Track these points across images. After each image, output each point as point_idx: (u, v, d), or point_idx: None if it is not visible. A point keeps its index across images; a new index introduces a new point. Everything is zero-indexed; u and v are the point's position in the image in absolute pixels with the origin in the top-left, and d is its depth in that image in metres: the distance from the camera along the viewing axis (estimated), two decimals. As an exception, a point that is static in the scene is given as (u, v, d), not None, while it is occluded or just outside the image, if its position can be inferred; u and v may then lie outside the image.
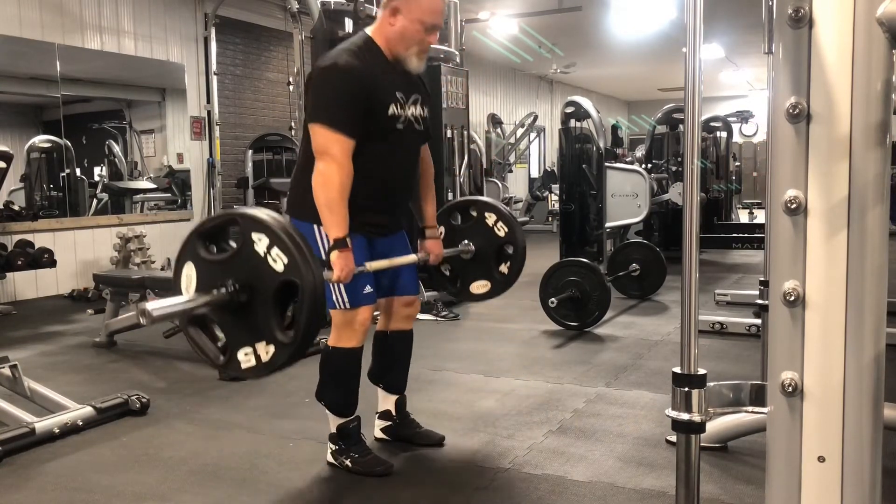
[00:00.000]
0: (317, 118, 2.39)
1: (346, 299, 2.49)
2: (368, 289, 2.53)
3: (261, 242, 1.93)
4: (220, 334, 2.03)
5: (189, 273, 2.03)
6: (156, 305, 1.83)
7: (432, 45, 2.57)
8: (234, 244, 2.01)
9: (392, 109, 2.49)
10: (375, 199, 2.56)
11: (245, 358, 1.98)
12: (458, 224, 3.09)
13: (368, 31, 2.54)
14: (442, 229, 3.03)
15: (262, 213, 1.97)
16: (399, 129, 2.52)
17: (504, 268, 3.08)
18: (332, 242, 2.35)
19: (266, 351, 1.96)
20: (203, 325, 2.04)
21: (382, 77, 2.47)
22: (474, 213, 3.08)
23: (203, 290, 1.99)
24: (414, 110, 2.58)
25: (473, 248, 3.06)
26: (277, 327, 1.93)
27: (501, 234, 3.05)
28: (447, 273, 3.04)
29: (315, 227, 2.46)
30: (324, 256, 2.44)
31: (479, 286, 3.12)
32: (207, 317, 2.03)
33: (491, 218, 3.05)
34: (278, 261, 1.91)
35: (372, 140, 2.46)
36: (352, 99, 2.39)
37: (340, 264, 2.32)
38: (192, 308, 1.95)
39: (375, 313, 2.67)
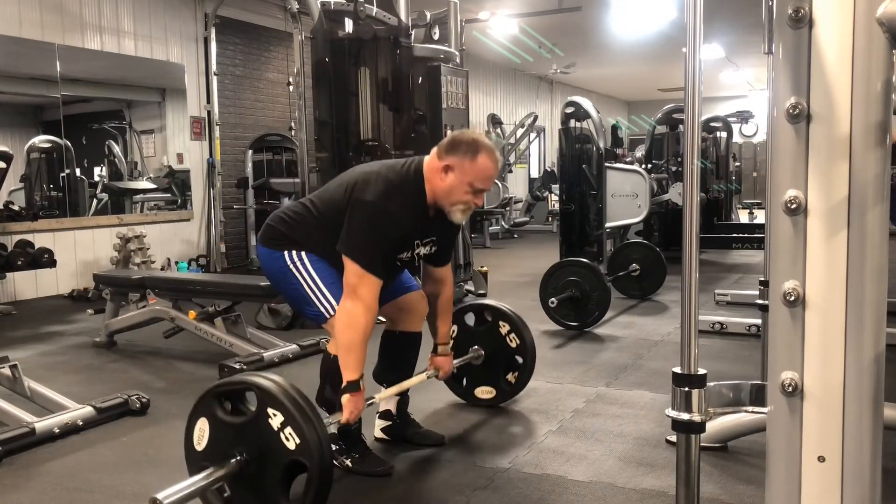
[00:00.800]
0: (355, 256, 2.37)
1: (333, 303, 2.47)
2: None
3: (276, 418, 2.01)
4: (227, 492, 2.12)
5: (202, 427, 2.13)
6: (168, 493, 1.86)
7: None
8: (251, 408, 2.09)
9: (403, 255, 2.54)
10: None
11: None
12: (471, 326, 3.20)
13: (424, 162, 2.50)
14: (455, 328, 3.12)
15: (280, 389, 2.03)
16: (399, 259, 2.56)
17: (511, 377, 3.21)
18: (345, 384, 2.37)
19: None
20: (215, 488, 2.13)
21: (414, 227, 2.50)
22: (489, 319, 3.20)
23: (214, 449, 2.09)
24: (422, 250, 2.62)
25: (483, 353, 3.16)
26: (283, 500, 2.02)
27: (513, 344, 3.18)
28: (454, 371, 3.07)
29: (285, 253, 2.50)
30: (296, 275, 2.49)
31: (484, 392, 3.25)
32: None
33: (504, 328, 3.18)
34: (291, 440, 1.99)
35: None
36: (389, 246, 2.43)
37: (350, 407, 2.36)
38: (204, 487, 2.01)
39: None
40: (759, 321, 4.18)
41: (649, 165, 8.56)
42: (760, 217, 12.93)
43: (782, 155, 1.07)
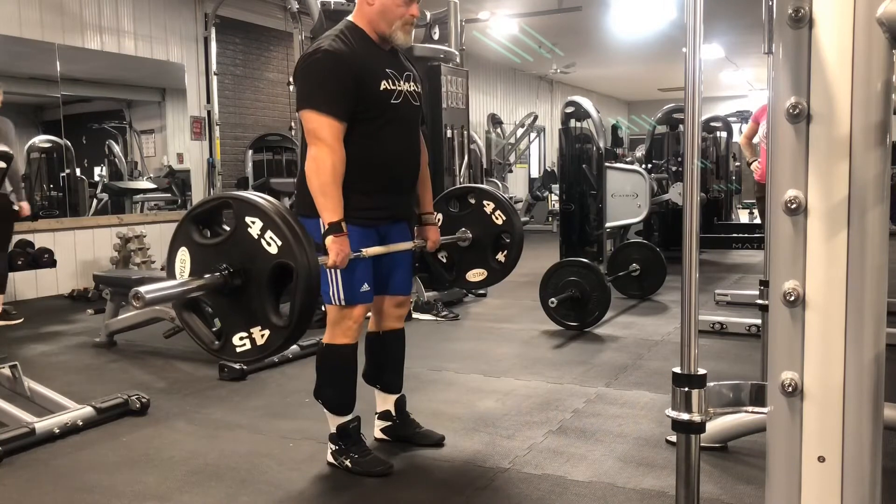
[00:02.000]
0: (305, 104, 2.38)
1: (342, 296, 2.49)
2: (366, 287, 2.53)
3: (254, 226, 1.93)
4: (216, 321, 2.03)
5: (183, 258, 2.03)
6: (149, 288, 1.81)
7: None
8: (227, 228, 2.01)
9: (384, 84, 2.48)
10: (379, 182, 2.53)
11: (240, 343, 1.98)
12: (455, 212, 3.09)
13: (350, 17, 2.54)
14: (440, 216, 3.02)
15: (256, 196, 1.97)
16: (395, 104, 2.51)
17: (501, 256, 3.08)
18: (326, 226, 2.33)
19: (261, 335, 1.96)
20: (198, 310, 2.05)
21: (369, 56, 2.47)
22: (472, 201, 3.08)
23: (197, 274, 1.99)
24: (408, 86, 2.58)
25: (471, 235, 3.05)
26: (272, 311, 1.94)
27: (499, 222, 3.04)
28: (444, 260, 3.04)
29: (320, 221, 2.41)
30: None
31: (475, 274, 3.12)
32: (202, 301, 2.03)
33: (489, 206, 3.05)
34: (272, 244, 1.91)
35: (369, 119, 2.45)
36: (338, 81, 2.38)
37: (336, 248, 2.31)
38: (185, 292, 1.94)
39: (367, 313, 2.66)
40: (759, 321, 4.17)
41: (649, 165, 8.56)
42: (759, 217, 12.91)
43: (782, 155, 1.07)
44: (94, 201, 7.76)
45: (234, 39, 8.60)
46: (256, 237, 1.93)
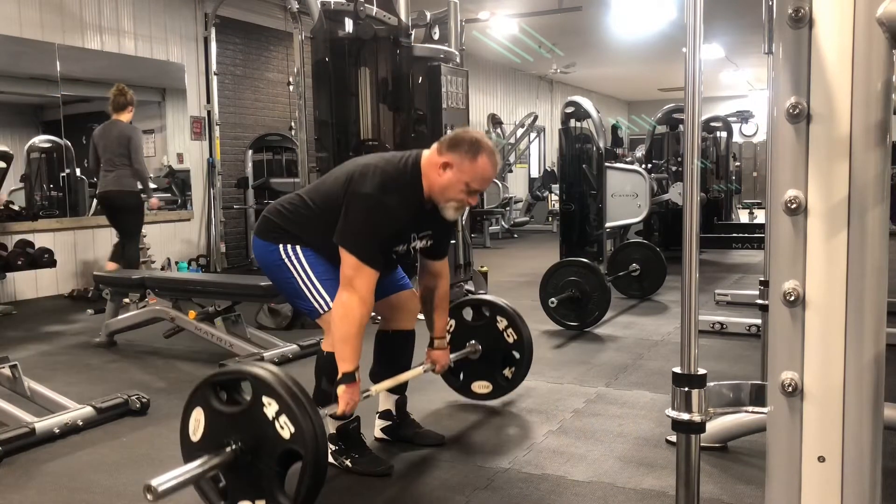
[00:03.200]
0: (352, 249, 2.38)
1: (327, 300, 2.48)
2: None
3: (270, 407, 2.01)
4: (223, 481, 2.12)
5: (198, 418, 2.12)
6: (161, 480, 1.85)
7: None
8: (245, 398, 2.09)
9: (399, 248, 2.55)
10: None
11: None
12: (469, 321, 3.20)
13: (423, 157, 2.50)
14: (453, 322, 3.13)
15: (274, 378, 2.03)
16: (394, 252, 2.56)
17: (508, 372, 3.22)
18: (340, 375, 2.38)
19: None
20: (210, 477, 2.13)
21: (410, 220, 2.50)
22: (486, 314, 3.20)
23: (209, 438, 2.08)
24: (418, 244, 2.62)
25: (480, 349, 3.17)
26: (278, 490, 2.02)
27: (510, 340, 3.18)
28: (451, 366, 3.07)
29: (280, 246, 2.51)
30: (291, 269, 2.50)
31: (480, 386, 3.26)
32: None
33: (502, 323, 3.18)
34: (286, 428, 1.99)
35: None
36: (385, 239, 2.44)
37: (346, 398, 2.37)
38: (198, 476, 2.00)
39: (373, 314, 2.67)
40: (759, 321, 4.18)
41: (649, 165, 8.56)
42: (760, 217, 12.93)
43: (782, 155, 1.07)
44: (95, 201, 7.76)
45: (234, 39, 8.60)
46: (271, 418, 2.01)
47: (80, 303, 6.34)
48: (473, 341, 3.16)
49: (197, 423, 2.12)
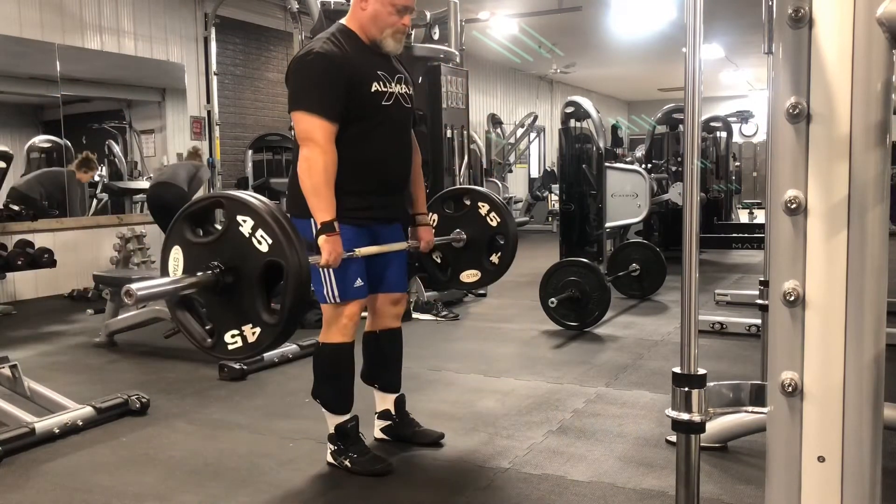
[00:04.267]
0: (297, 105, 2.40)
1: (336, 293, 2.49)
2: (359, 282, 2.53)
3: (246, 224, 1.95)
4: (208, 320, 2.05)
5: (176, 256, 2.06)
6: (140, 286, 1.84)
7: (407, 25, 2.59)
8: (220, 227, 2.03)
9: (375, 86, 2.50)
10: (372, 182, 2.55)
11: (232, 340, 2.00)
12: (451, 212, 3.11)
13: (343, 20, 2.56)
14: (435, 216, 3.05)
15: (248, 196, 1.99)
16: (386, 106, 2.53)
17: (495, 258, 3.10)
18: (318, 226, 2.35)
19: (252, 333, 1.98)
20: (191, 308, 2.07)
21: (361, 59, 2.49)
22: (468, 202, 3.10)
23: (190, 272, 2.01)
24: (399, 87, 2.59)
25: (465, 236, 3.07)
26: (263, 309, 1.96)
27: (494, 223, 3.06)
28: (438, 261, 3.05)
29: (312, 221, 2.43)
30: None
31: (469, 275, 3.14)
32: (195, 299, 2.06)
33: (484, 207, 3.07)
34: (263, 242, 1.93)
35: (360, 120, 2.47)
36: (330, 82, 2.40)
37: (328, 248, 2.32)
38: (177, 289, 1.96)
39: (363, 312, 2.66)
40: (759, 321, 4.18)
41: (649, 165, 8.56)
42: (760, 217, 12.93)
43: (782, 155, 1.07)
44: (94, 201, 7.76)
45: (234, 39, 8.61)
46: (248, 235, 1.95)
47: (80, 303, 6.35)
48: (457, 230, 3.07)
49: (176, 261, 2.06)
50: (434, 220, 3.04)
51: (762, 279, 3.20)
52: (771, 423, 1.12)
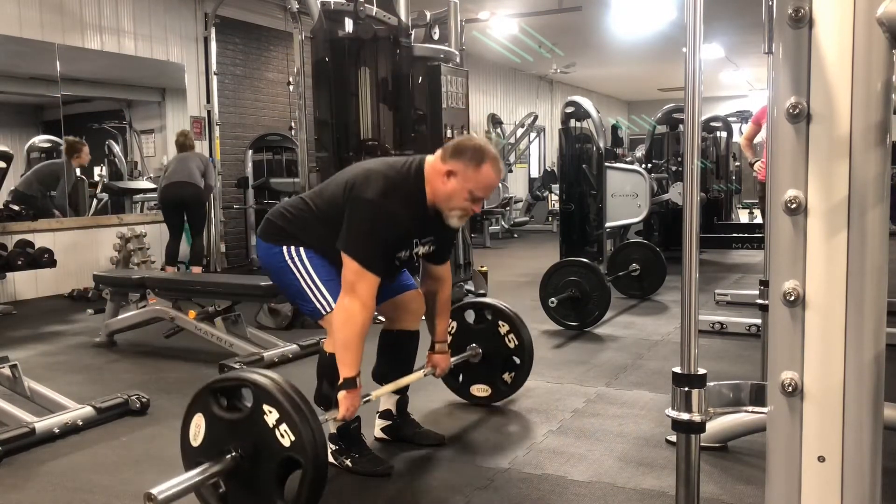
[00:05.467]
0: (353, 253, 2.37)
1: (329, 300, 2.48)
2: None
3: (271, 415, 2.01)
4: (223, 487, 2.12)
5: (198, 423, 2.13)
6: (162, 488, 1.88)
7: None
8: (246, 405, 2.10)
9: (402, 253, 2.54)
10: None
11: None
12: (470, 324, 3.20)
13: (425, 169, 2.49)
14: (454, 324, 3.14)
15: (275, 386, 2.04)
16: (394, 262, 2.55)
17: (508, 377, 3.22)
18: (341, 381, 2.38)
19: None
20: (213, 485, 2.13)
21: (415, 227, 2.50)
22: (488, 317, 3.20)
23: (210, 444, 2.09)
24: (420, 249, 2.61)
25: (481, 352, 3.17)
26: (277, 497, 2.02)
27: (511, 345, 3.18)
28: (451, 369, 3.07)
29: (283, 248, 2.50)
30: (294, 271, 2.50)
31: (479, 390, 3.26)
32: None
33: (504, 328, 3.18)
34: (286, 437, 1.99)
35: None
36: (386, 244, 2.43)
37: (346, 404, 2.37)
38: (199, 483, 2.01)
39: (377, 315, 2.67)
40: (759, 321, 4.18)
41: (649, 165, 8.55)
42: (760, 217, 12.91)
43: (782, 155, 1.07)
44: (94, 201, 7.76)
45: (234, 39, 8.60)
46: (272, 427, 2.01)
47: (80, 303, 6.34)
48: (474, 345, 3.17)
49: (198, 428, 2.13)
50: (452, 328, 3.13)
51: (762, 279, 3.20)
52: (771, 423, 1.12)
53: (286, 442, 1.99)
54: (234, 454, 2.03)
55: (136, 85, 8.04)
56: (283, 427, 1.99)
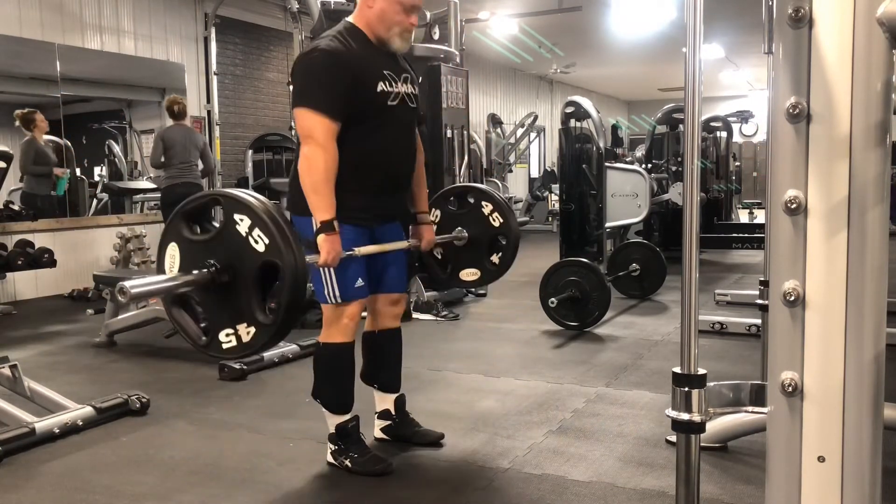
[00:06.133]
0: (300, 102, 2.39)
1: (337, 293, 2.49)
2: (360, 282, 2.52)
3: (243, 223, 1.95)
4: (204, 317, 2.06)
5: (173, 253, 2.05)
6: (134, 283, 1.83)
7: (415, 26, 2.59)
8: (217, 225, 2.03)
9: (381, 86, 2.49)
10: (374, 182, 2.54)
11: (226, 339, 2.00)
12: (454, 210, 3.11)
13: (350, 18, 2.55)
14: (437, 213, 3.05)
15: (245, 194, 1.98)
16: (392, 106, 2.52)
17: (495, 258, 3.10)
18: (318, 225, 2.34)
19: (247, 332, 1.98)
20: (187, 306, 2.06)
21: (367, 58, 2.49)
22: (471, 201, 3.09)
23: (186, 270, 2.01)
24: (405, 87, 2.58)
25: (467, 235, 3.07)
26: (258, 308, 1.95)
27: (496, 224, 3.05)
28: (438, 257, 3.05)
29: (312, 219, 2.42)
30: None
31: (468, 274, 3.14)
32: (190, 297, 2.05)
33: (487, 207, 3.06)
34: (260, 242, 1.93)
35: (365, 120, 2.46)
36: (335, 81, 2.39)
37: (327, 247, 2.32)
38: (171, 287, 1.95)
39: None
40: (759, 321, 4.17)
41: (649, 165, 8.55)
42: (760, 217, 12.92)
43: (782, 155, 1.07)
44: (94, 201, 7.76)
45: (234, 39, 8.60)
46: (244, 235, 1.95)
47: (80, 303, 6.34)
48: (459, 228, 3.07)
49: (172, 258, 2.05)
50: (436, 217, 3.05)
51: (762, 279, 3.20)
52: (771, 423, 1.12)
53: (261, 247, 1.93)
54: (209, 268, 1.96)
55: (136, 85, 8.03)
56: (256, 232, 1.93)
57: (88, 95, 7.76)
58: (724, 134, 9.86)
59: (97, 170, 8.12)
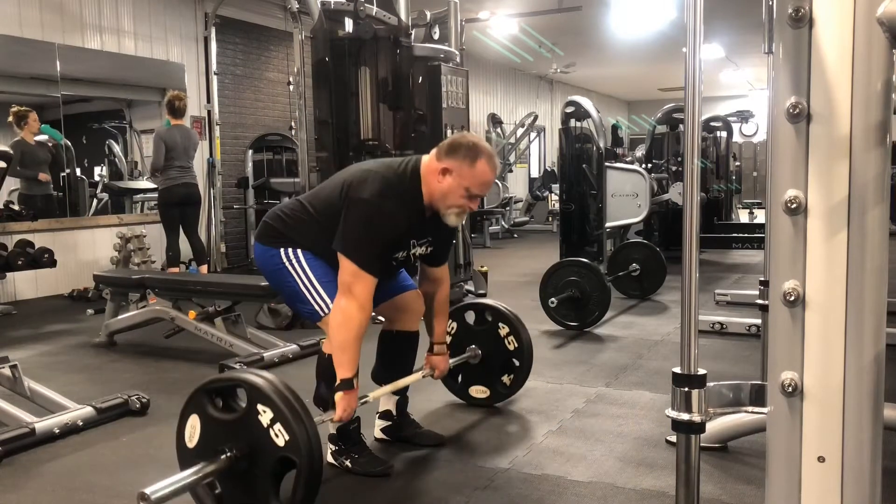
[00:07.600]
0: (350, 254, 2.37)
1: (328, 302, 2.47)
2: None
3: (265, 414, 2.02)
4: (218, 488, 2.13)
5: (193, 424, 2.14)
6: (156, 488, 1.88)
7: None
8: (240, 404, 2.11)
9: (399, 254, 2.53)
10: None
11: None
12: (470, 325, 3.21)
13: (421, 167, 2.49)
14: (454, 325, 3.14)
15: (269, 386, 2.04)
16: (395, 257, 2.55)
17: (507, 379, 3.23)
18: (338, 382, 2.38)
19: None
20: (208, 484, 2.13)
21: (409, 227, 2.50)
22: (488, 319, 3.20)
23: (205, 445, 2.09)
24: (418, 250, 2.61)
25: (481, 354, 3.18)
26: (273, 497, 2.03)
27: (511, 347, 3.18)
28: (450, 368, 3.07)
29: (280, 250, 2.51)
30: (291, 273, 2.49)
31: (478, 391, 3.26)
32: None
33: (503, 329, 3.18)
34: (280, 437, 2.00)
35: None
36: (384, 245, 2.42)
37: (343, 405, 2.37)
38: (192, 483, 2.01)
39: (376, 315, 2.67)
40: (759, 321, 4.18)
41: (649, 165, 8.56)
42: (760, 217, 12.93)
43: (782, 155, 1.07)
44: (94, 201, 7.76)
45: (234, 39, 8.60)
46: (265, 426, 2.02)
47: (80, 303, 6.34)
48: (474, 346, 3.17)
49: (193, 429, 2.13)
50: (452, 329, 3.14)
51: (762, 279, 3.20)
52: (771, 423, 1.12)
53: (280, 442, 1.99)
54: (229, 454, 2.03)
55: (136, 85, 8.03)
56: (278, 427, 1.99)
57: (88, 95, 7.77)
58: (724, 134, 9.86)
59: (97, 170, 8.13)
